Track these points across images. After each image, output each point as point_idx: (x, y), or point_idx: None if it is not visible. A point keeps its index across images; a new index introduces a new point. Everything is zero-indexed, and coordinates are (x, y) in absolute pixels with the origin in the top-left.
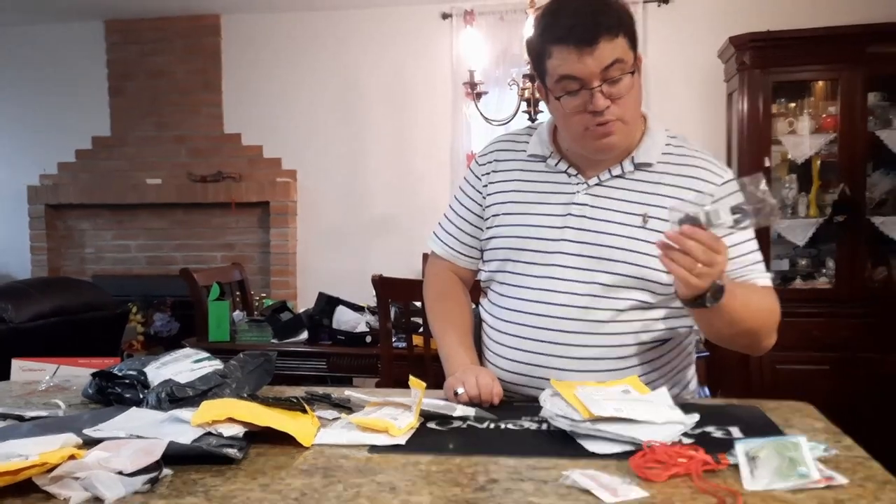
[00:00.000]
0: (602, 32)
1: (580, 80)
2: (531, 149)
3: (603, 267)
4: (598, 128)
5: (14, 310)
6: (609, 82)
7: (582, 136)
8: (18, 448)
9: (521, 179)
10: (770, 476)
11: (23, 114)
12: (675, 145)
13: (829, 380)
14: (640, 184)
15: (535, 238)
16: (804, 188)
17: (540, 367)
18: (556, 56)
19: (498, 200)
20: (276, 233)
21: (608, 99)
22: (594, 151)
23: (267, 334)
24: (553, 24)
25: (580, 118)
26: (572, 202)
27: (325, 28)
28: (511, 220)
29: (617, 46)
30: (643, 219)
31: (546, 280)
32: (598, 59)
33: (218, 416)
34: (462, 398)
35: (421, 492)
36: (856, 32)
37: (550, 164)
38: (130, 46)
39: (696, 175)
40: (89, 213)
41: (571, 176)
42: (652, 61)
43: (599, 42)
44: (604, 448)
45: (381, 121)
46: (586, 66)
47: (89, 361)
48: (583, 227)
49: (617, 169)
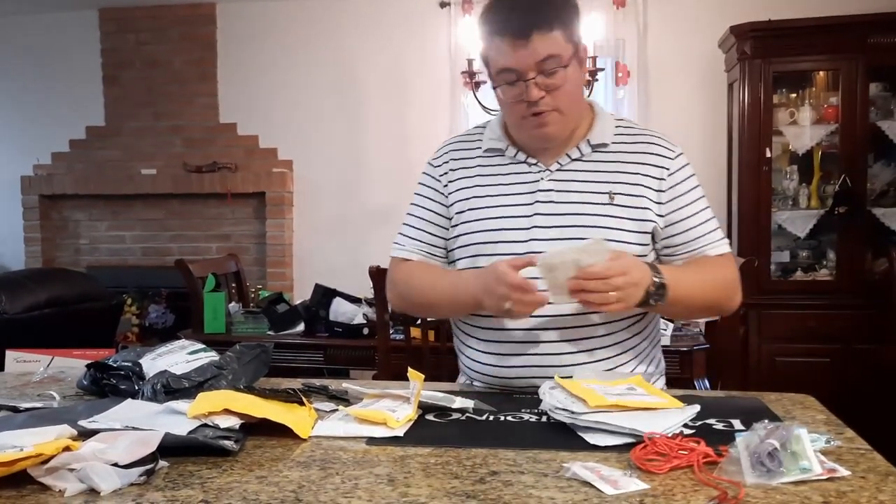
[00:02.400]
0: (535, 27)
1: (516, 72)
2: (486, 144)
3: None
4: (533, 117)
5: (8, 301)
6: (544, 74)
7: (520, 125)
8: (13, 439)
9: (481, 175)
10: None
11: (16, 103)
12: (625, 126)
13: (830, 372)
14: (599, 164)
15: (506, 229)
16: (805, 179)
17: (529, 356)
18: (494, 47)
19: (461, 198)
20: (272, 224)
21: (543, 90)
22: (532, 139)
23: (263, 326)
24: (492, 16)
25: (518, 107)
26: (537, 189)
27: (322, 17)
28: (478, 214)
29: (551, 40)
30: (609, 196)
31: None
32: (532, 53)
33: (214, 408)
34: (516, 313)
35: (419, 484)
36: (857, 22)
37: (509, 155)
38: (125, 35)
39: (650, 151)
40: (84, 203)
41: (531, 165)
42: (652, 51)
43: (532, 36)
44: (604, 440)
45: (378, 110)
46: (520, 58)
47: (84, 353)
48: (551, 211)
49: (575, 153)
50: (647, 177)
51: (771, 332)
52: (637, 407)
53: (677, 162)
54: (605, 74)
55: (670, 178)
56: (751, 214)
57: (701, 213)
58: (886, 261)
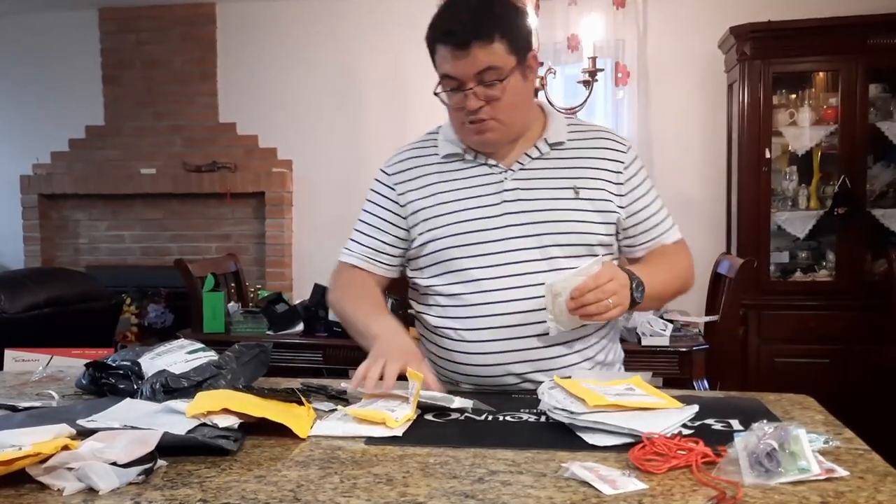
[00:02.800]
0: (475, 38)
1: (456, 80)
2: (443, 150)
3: (552, 241)
4: (472, 125)
5: (7, 300)
6: (483, 84)
7: (461, 130)
8: (12, 438)
9: (441, 181)
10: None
11: (16, 103)
12: (576, 124)
13: (829, 372)
14: (559, 161)
15: (477, 231)
16: (804, 180)
17: (518, 352)
18: (439, 53)
19: (422, 206)
20: (271, 223)
21: (482, 100)
22: (473, 145)
23: (262, 326)
24: (437, 22)
25: (458, 113)
26: (503, 189)
27: (322, 16)
28: (446, 219)
29: (492, 53)
30: (574, 191)
31: (504, 267)
32: (472, 64)
33: (213, 408)
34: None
35: (418, 484)
36: (857, 23)
37: (469, 159)
38: (125, 35)
39: (605, 146)
40: (83, 203)
41: (493, 166)
42: (652, 52)
43: (471, 48)
44: (603, 440)
45: (378, 110)
46: (460, 68)
47: (83, 352)
48: (521, 209)
49: (535, 152)
50: (605, 171)
51: (770, 332)
52: (636, 407)
53: (630, 155)
54: (604, 75)
55: (626, 171)
56: (750, 215)
57: (654, 202)
58: (886, 262)
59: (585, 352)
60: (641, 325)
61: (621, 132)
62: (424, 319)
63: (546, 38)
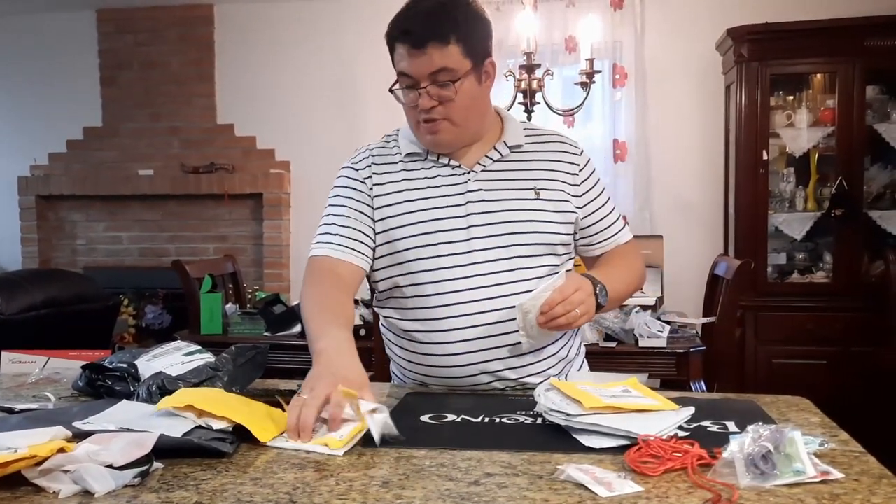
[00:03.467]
0: (431, 39)
1: (411, 78)
2: (405, 149)
3: (515, 241)
4: (425, 124)
5: (5, 301)
6: (437, 84)
7: (416, 129)
8: (7, 441)
9: (407, 179)
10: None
11: (14, 104)
12: (532, 128)
13: (826, 374)
14: (519, 163)
15: (444, 230)
16: (802, 181)
17: (488, 350)
18: (396, 51)
19: (389, 202)
20: (269, 224)
21: (435, 100)
22: (426, 144)
23: (260, 327)
24: (397, 20)
25: (412, 112)
26: (467, 190)
27: (320, 17)
28: (410, 218)
29: (447, 54)
30: (534, 192)
31: (470, 267)
32: (427, 64)
33: (178, 404)
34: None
35: (414, 486)
36: (854, 25)
37: (432, 159)
38: (123, 36)
39: (560, 149)
40: (81, 204)
41: (455, 167)
42: (649, 53)
43: (427, 48)
44: (599, 442)
45: (375, 111)
46: (415, 66)
47: (80, 354)
48: (485, 209)
49: (495, 154)
50: (563, 173)
51: (767, 334)
52: (632, 409)
53: (583, 158)
54: (602, 76)
55: (581, 172)
56: (748, 216)
57: (607, 203)
58: (883, 263)
59: (549, 348)
60: (639, 326)
61: (619, 134)
62: (390, 322)
63: (544, 39)
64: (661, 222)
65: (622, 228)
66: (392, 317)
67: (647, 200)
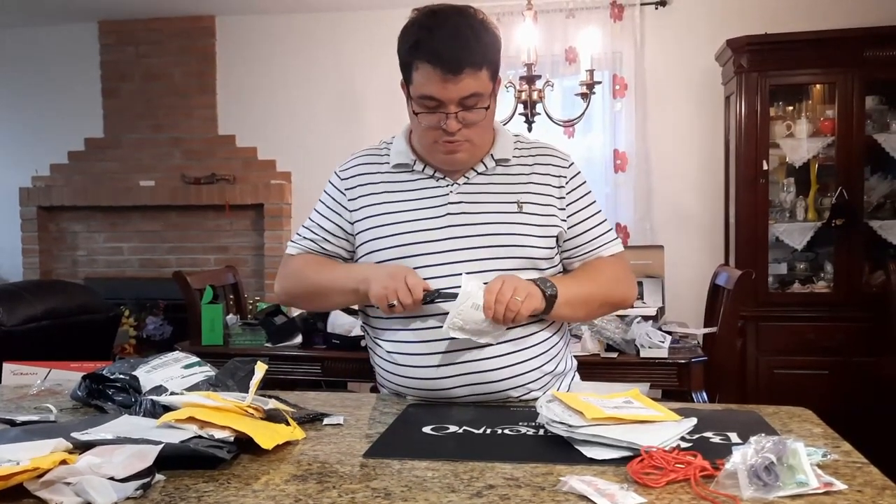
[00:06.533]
0: (468, 65)
1: (439, 102)
2: (393, 160)
3: (495, 254)
4: (446, 144)
5: (6, 313)
6: (465, 109)
7: (431, 148)
8: (9, 453)
9: (389, 191)
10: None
11: (15, 115)
12: (522, 140)
13: (828, 384)
14: (504, 177)
15: (421, 242)
16: (802, 192)
17: (467, 363)
18: (421, 72)
19: (370, 214)
20: (270, 235)
21: (461, 124)
22: (441, 163)
23: (261, 338)
24: (426, 42)
25: (432, 133)
26: (448, 202)
27: (321, 30)
28: (390, 230)
29: (479, 80)
30: (517, 205)
31: (446, 279)
32: (460, 89)
33: (180, 416)
34: (398, 310)
35: (416, 498)
36: (853, 36)
37: (417, 170)
38: (124, 48)
39: (548, 162)
40: (82, 215)
41: (439, 179)
42: (649, 64)
43: (463, 73)
44: (601, 454)
45: (376, 123)
46: (447, 91)
47: (81, 365)
48: (464, 222)
49: (481, 167)
50: (549, 186)
51: (769, 344)
52: (634, 420)
53: (571, 170)
54: (602, 87)
55: (568, 184)
56: (748, 227)
57: (595, 216)
58: (883, 273)
59: (532, 361)
60: (640, 336)
61: (619, 144)
62: (367, 330)
63: (544, 50)
64: (661, 232)
65: (609, 242)
66: (371, 325)
67: (648, 211)
